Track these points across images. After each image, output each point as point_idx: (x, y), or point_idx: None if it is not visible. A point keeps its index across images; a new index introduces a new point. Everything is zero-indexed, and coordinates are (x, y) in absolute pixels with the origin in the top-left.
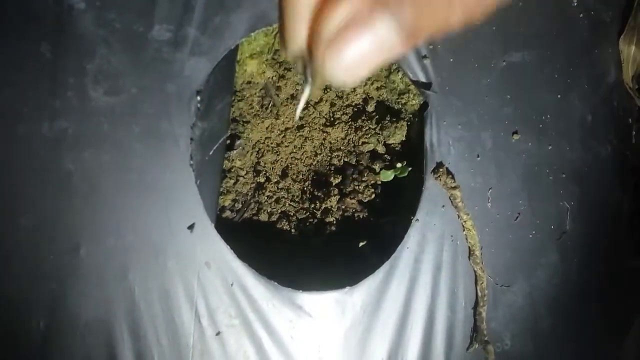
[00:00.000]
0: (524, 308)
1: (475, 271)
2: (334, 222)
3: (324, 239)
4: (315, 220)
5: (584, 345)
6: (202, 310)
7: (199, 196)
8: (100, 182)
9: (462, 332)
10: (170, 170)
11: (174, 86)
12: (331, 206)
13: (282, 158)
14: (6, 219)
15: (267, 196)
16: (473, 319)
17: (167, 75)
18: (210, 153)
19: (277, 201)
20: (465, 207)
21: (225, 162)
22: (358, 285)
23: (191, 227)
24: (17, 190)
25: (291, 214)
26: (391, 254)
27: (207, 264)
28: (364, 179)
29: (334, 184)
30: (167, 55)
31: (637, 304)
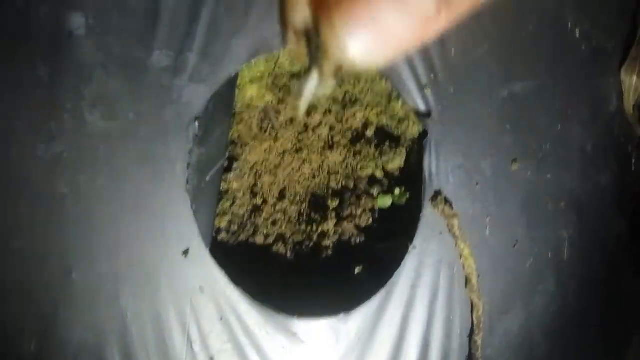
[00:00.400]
0: (520, 335)
1: (471, 299)
2: (331, 246)
3: (319, 263)
4: (311, 244)
5: None
6: (195, 336)
7: (195, 221)
8: (95, 206)
9: None
10: (166, 195)
11: (172, 112)
12: (328, 230)
13: (279, 180)
14: None
15: (264, 218)
16: (468, 347)
17: (165, 101)
18: (207, 178)
19: (273, 223)
20: (463, 235)
21: (223, 183)
22: (353, 312)
23: (186, 252)
24: (10, 212)
25: (287, 237)
26: (387, 281)
27: (200, 288)
28: (361, 203)
29: (331, 208)
30: (165, 81)
31: (635, 323)
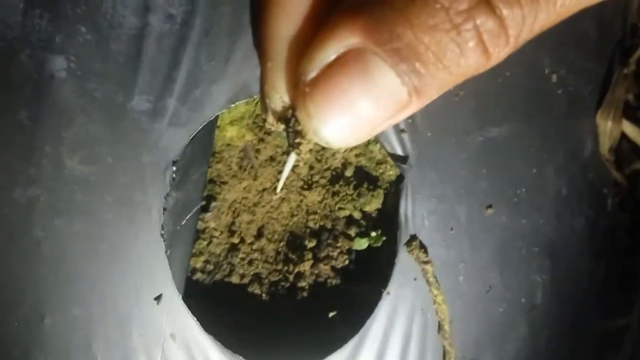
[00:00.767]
0: None
1: (444, 346)
2: (306, 288)
3: (294, 305)
4: (287, 284)
5: None
6: None
7: (168, 267)
8: (70, 251)
9: None
10: (141, 241)
11: (150, 156)
12: (304, 270)
13: (257, 218)
14: None
15: (240, 258)
16: None
17: (143, 145)
18: (183, 222)
19: (249, 263)
20: (437, 282)
21: (200, 222)
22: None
23: (158, 298)
24: None
25: (263, 277)
26: (360, 327)
27: (172, 335)
28: (338, 244)
29: (308, 247)
30: (145, 125)
31: None
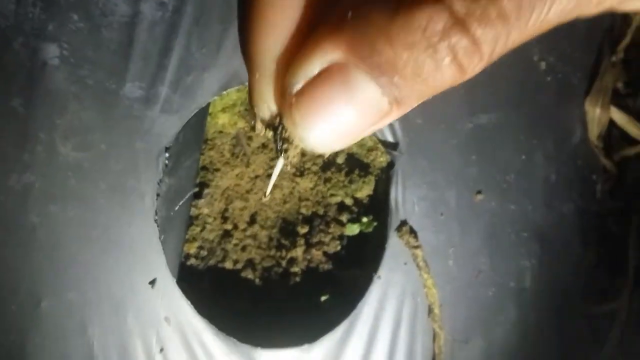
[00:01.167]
0: None
1: (434, 329)
2: (299, 273)
3: (287, 290)
4: (280, 270)
5: None
6: None
7: (162, 252)
8: (65, 236)
9: None
10: (135, 226)
11: (143, 143)
12: (297, 256)
13: (251, 204)
14: None
15: (234, 244)
16: None
17: (136, 132)
18: (176, 208)
19: (243, 249)
20: (427, 266)
21: (193, 209)
22: (316, 342)
23: (152, 282)
24: None
25: (257, 262)
26: (351, 311)
27: (166, 319)
28: (330, 230)
29: (300, 234)
30: (137, 112)
31: (595, 353)
